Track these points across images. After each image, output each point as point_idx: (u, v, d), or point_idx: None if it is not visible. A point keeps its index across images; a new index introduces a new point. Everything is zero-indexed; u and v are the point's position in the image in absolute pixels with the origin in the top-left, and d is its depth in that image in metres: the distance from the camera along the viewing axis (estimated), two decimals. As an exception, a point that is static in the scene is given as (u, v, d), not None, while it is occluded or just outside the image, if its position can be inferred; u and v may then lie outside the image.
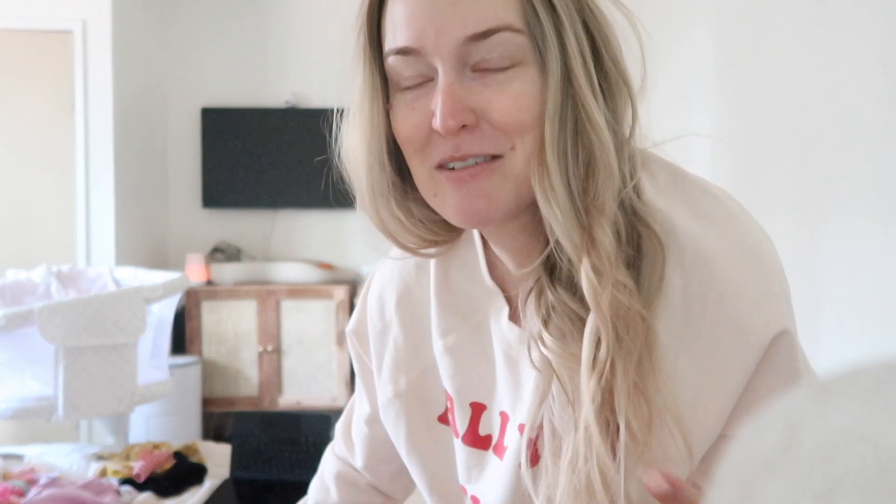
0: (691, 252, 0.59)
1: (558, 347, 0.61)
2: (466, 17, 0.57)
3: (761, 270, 0.60)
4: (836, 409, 0.23)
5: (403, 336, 0.78)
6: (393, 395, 0.78)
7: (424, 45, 0.59)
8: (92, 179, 3.39)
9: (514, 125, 0.59)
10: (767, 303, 0.59)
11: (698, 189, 0.64)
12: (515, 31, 0.58)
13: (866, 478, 0.21)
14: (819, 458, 0.22)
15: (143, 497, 2.13)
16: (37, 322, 2.23)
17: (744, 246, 0.60)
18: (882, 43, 1.64)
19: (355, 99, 0.65)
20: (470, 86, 0.59)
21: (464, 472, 0.75)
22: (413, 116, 0.61)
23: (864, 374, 0.24)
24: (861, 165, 1.74)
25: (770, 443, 0.24)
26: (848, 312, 1.74)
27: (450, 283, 0.75)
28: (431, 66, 0.59)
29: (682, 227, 0.60)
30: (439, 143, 0.60)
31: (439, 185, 0.62)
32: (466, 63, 0.59)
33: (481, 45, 0.58)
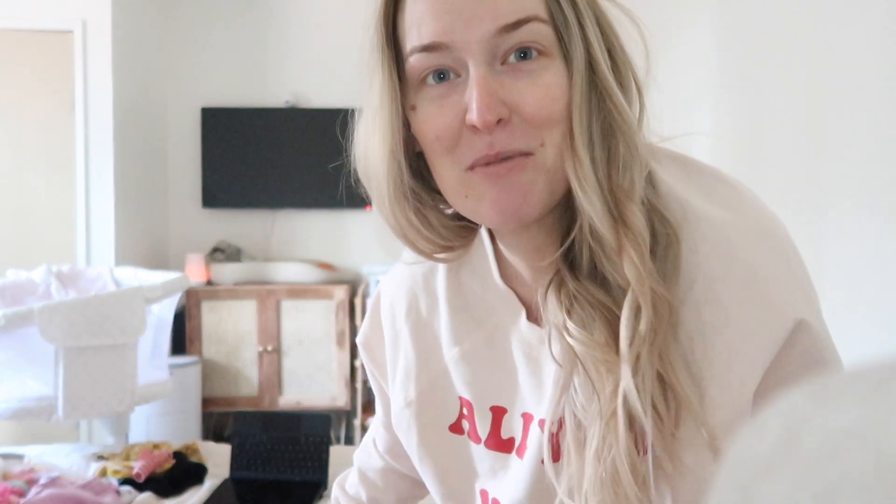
0: (711, 237, 0.59)
1: (583, 336, 0.61)
2: (496, 8, 0.57)
3: (781, 253, 0.60)
4: (836, 409, 0.23)
5: (413, 346, 0.78)
6: (404, 405, 0.79)
7: (454, 40, 0.58)
8: (92, 179, 3.39)
9: (545, 117, 0.58)
10: (791, 284, 0.59)
11: (711, 177, 0.64)
12: (543, 21, 0.58)
13: (866, 478, 0.21)
14: (819, 458, 0.22)
15: (143, 497, 2.13)
16: (37, 322, 2.23)
17: (761, 229, 0.60)
18: (883, 38, 1.64)
19: (373, 101, 0.63)
20: (501, 79, 0.58)
21: (488, 477, 0.75)
22: (443, 114, 0.60)
23: (864, 374, 0.24)
24: (862, 162, 1.74)
25: (770, 443, 0.24)
26: (848, 310, 1.74)
27: (462, 290, 0.75)
28: (460, 61, 0.59)
29: (700, 212, 0.61)
30: (471, 141, 0.59)
31: (472, 186, 0.61)
32: (496, 56, 0.58)
33: (511, 36, 0.58)
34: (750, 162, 2.32)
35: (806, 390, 0.25)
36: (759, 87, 2.24)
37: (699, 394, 0.58)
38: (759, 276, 0.58)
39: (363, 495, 0.96)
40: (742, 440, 0.26)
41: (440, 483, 0.78)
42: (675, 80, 2.77)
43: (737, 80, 2.44)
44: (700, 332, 0.59)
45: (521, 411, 0.71)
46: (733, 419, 0.59)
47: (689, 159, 0.66)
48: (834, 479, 0.21)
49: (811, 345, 0.59)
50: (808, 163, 1.97)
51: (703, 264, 0.59)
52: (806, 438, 0.23)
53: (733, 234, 0.59)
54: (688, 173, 0.65)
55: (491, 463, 0.74)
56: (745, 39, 2.39)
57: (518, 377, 0.71)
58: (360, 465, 0.97)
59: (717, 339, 0.59)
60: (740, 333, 0.58)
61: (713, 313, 0.59)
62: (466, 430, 0.76)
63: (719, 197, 0.62)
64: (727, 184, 0.64)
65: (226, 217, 3.99)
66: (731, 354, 0.58)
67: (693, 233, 0.60)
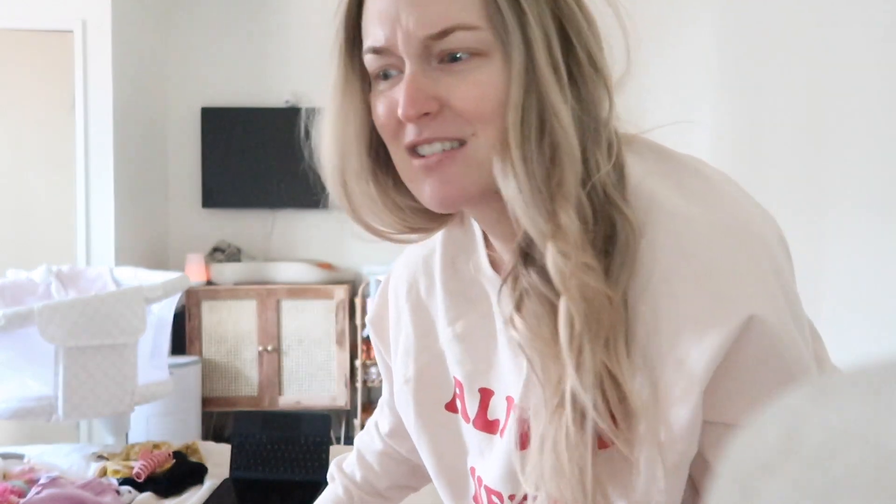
0: (673, 231, 0.60)
1: (528, 331, 0.63)
2: (423, 18, 0.62)
3: (749, 248, 0.59)
4: (836, 409, 0.23)
5: (413, 325, 0.82)
6: (403, 382, 0.83)
7: (393, 44, 0.63)
8: (92, 179, 3.39)
9: (474, 112, 0.62)
10: (751, 279, 0.58)
11: (686, 168, 0.65)
12: (470, 28, 0.62)
13: (866, 478, 0.21)
14: (819, 458, 0.22)
15: (142, 497, 2.13)
16: (37, 322, 2.23)
17: (728, 223, 0.60)
18: (883, 37, 1.64)
19: (329, 92, 0.69)
20: (434, 76, 0.63)
21: (475, 456, 0.78)
22: (385, 107, 0.66)
23: (864, 374, 0.24)
24: (862, 162, 1.73)
25: (770, 443, 0.24)
26: (848, 308, 1.74)
27: (457, 272, 0.78)
28: (401, 61, 0.64)
29: (666, 206, 0.61)
30: (408, 128, 0.65)
31: (413, 171, 0.66)
32: (431, 54, 0.63)
33: (439, 43, 0.62)
34: (750, 162, 2.32)
35: (806, 390, 0.25)
36: (759, 86, 2.24)
37: (653, 391, 0.59)
38: (716, 270, 0.58)
39: (357, 476, 0.99)
40: (743, 440, 0.26)
41: (435, 459, 0.82)
42: (675, 80, 2.77)
43: (737, 79, 2.44)
44: (656, 327, 0.59)
45: (505, 394, 0.74)
46: (684, 417, 0.59)
47: (667, 150, 0.67)
48: (834, 479, 0.21)
49: (768, 345, 0.57)
50: (808, 162, 1.96)
51: (661, 259, 0.60)
52: (806, 438, 0.23)
53: (697, 229, 0.59)
54: (664, 164, 0.65)
55: (479, 442, 0.77)
56: (745, 39, 2.39)
57: (503, 360, 0.73)
58: (360, 447, 1.01)
59: (671, 334, 0.59)
60: (691, 328, 0.58)
61: (668, 308, 0.59)
62: (460, 409, 0.79)
63: (692, 190, 0.62)
64: (703, 176, 0.64)
65: (226, 217, 3.99)
66: (681, 350, 0.58)
67: (655, 228, 0.60)
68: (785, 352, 0.58)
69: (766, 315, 0.57)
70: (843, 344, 1.72)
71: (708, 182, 0.63)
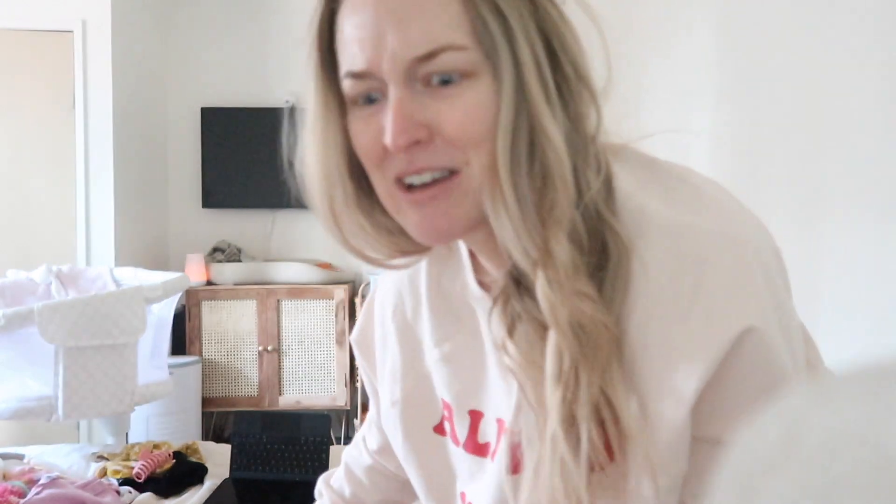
0: (664, 246, 0.58)
1: (520, 357, 0.61)
2: (409, 39, 0.58)
3: (739, 259, 0.57)
4: (836, 409, 0.23)
5: (399, 346, 0.79)
6: (390, 404, 0.80)
7: (376, 67, 0.59)
8: (92, 179, 3.39)
9: (467, 138, 0.59)
10: (741, 296, 0.57)
11: (676, 178, 0.63)
12: (458, 48, 0.58)
13: (866, 478, 0.21)
14: (819, 458, 0.22)
15: (143, 497, 2.13)
16: (37, 322, 2.23)
17: (720, 233, 0.58)
18: (882, 40, 1.64)
19: (308, 119, 0.65)
20: (421, 100, 0.59)
21: (465, 480, 0.76)
22: (367, 132, 0.62)
23: (864, 374, 0.24)
24: (861, 162, 1.74)
25: (770, 443, 0.24)
26: (848, 309, 1.74)
27: (443, 291, 0.75)
28: (384, 85, 0.60)
29: (655, 219, 0.59)
30: (392, 160, 0.61)
31: (399, 202, 0.63)
32: (415, 78, 0.59)
33: (426, 65, 0.58)
34: (749, 164, 2.32)
35: (806, 390, 0.25)
36: (759, 87, 2.24)
37: (644, 412, 0.58)
38: (706, 288, 0.57)
39: (346, 491, 0.96)
40: (743, 440, 0.26)
41: (423, 483, 0.79)
42: (674, 81, 2.77)
43: (736, 80, 2.44)
44: (645, 346, 0.58)
45: (496, 416, 0.71)
46: (675, 437, 0.58)
47: (655, 160, 0.65)
48: (834, 478, 0.21)
49: (756, 357, 0.56)
50: (807, 164, 1.97)
51: (651, 278, 0.58)
52: (806, 438, 0.23)
53: (686, 242, 0.58)
54: (652, 175, 0.63)
55: (469, 466, 0.74)
56: (744, 40, 2.39)
57: (492, 382, 0.71)
58: (348, 462, 0.98)
59: (661, 354, 0.58)
60: (681, 348, 0.57)
61: (659, 329, 0.58)
62: (448, 431, 0.76)
63: (681, 200, 0.61)
64: (691, 185, 0.62)
65: (226, 217, 3.99)
66: (671, 370, 0.57)
67: (645, 243, 0.59)
68: (772, 364, 0.57)
69: (755, 327, 0.56)
70: (843, 344, 1.72)
71: (697, 191, 0.62)
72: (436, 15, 0.58)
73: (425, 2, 0.58)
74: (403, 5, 0.58)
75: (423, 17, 0.58)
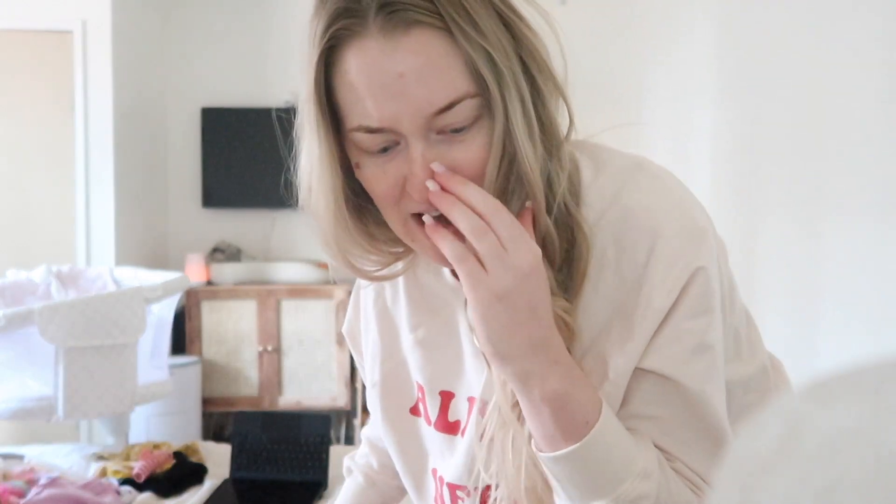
0: (620, 227, 0.67)
1: None
2: (431, 94, 0.62)
3: (691, 229, 0.67)
4: (836, 408, 0.23)
5: (378, 332, 0.86)
6: (370, 386, 0.87)
7: (395, 122, 0.63)
8: (92, 179, 3.39)
9: (477, 174, 0.65)
10: (693, 247, 0.66)
11: (633, 166, 0.70)
12: (473, 96, 0.63)
13: (866, 478, 0.21)
14: (819, 458, 0.22)
15: (143, 497, 2.13)
16: (37, 322, 2.23)
17: (672, 211, 0.67)
18: (883, 41, 1.64)
19: (315, 152, 0.68)
20: (438, 148, 0.64)
21: (437, 457, 0.82)
22: (386, 179, 0.66)
23: (864, 374, 0.24)
24: (861, 164, 1.74)
25: (770, 443, 0.24)
26: (848, 310, 1.74)
27: (418, 282, 0.81)
28: (400, 136, 0.64)
29: (614, 204, 0.68)
30: (412, 201, 0.66)
31: (416, 235, 0.68)
32: (432, 128, 0.64)
33: (445, 116, 0.63)
34: (749, 163, 2.32)
35: (806, 390, 0.25)
36: (760, 87, 2.24)
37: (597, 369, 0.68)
38: (664, 242, 0.66)
39: (374, 462, 1.02)
40: (742, 440, 0.26)
41: (400, 460, 0.86)
42: (675, 81, 2.77)
43: (737, 80, 2.44)
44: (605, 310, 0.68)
45: (467, 395, 0.78)
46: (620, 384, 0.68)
47: (613, 151, 0.72)
48: (834, 478, 0.21)
49: (705, 294, 0.66)
50: (808, 164, 1.97)
51: (613, 253, 0.67)
52: (806, 438, 0.23)
53: (639, 220, 0.67)
54: (611, 165, 0.71)
55: (440, 444, 0.81)
56: (745, 40, 2.39)
57: (465, 363, 0.78)
58: (369, 437, 1.03)
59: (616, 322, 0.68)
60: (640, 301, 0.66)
61: (620, 291, 0.67)
62: (422, 412, 0.83)
63: (640, 186, 0.69)
64: (649, 172, 0.70)
65: (226, 217, 3.99)
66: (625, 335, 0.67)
67: (603, 229, 0.68)
68: (710, 307, 0.67)
69: (705, 267, 0.66)
70: (843, 344, 1.72)
71: (654, 178, 0.70)
72: (448, 68, 0.62)
73: (436, 58, 0.62)
74: (417, 63, 0.62)
75: (438, 73, 0.62)
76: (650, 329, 0.66)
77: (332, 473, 2.21)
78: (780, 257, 2.06)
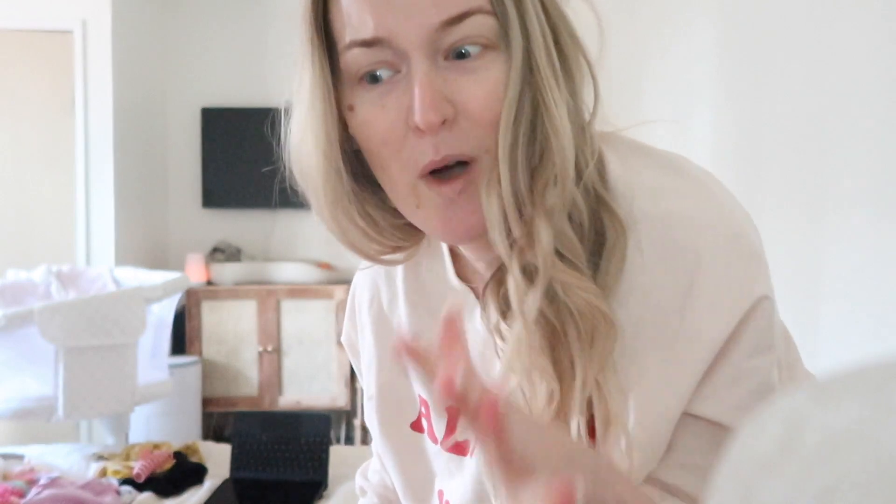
0: (658, 236, 0.57)
1: (514, 342, 0.59)
2: (439, 1, 0.53)
3: (736, 238, 0.57)
4: (836, 409, 0.23)
5: (374, 339, 0.76)
6: (367, 399, 0.78)
7: (394, 33, 0.54)
8: (92, 179, 3.39)
9: (492, 117, 0.55)
10: (739, 281, 0.56)
11: (668, 164, 0.61)
12: (487, 13, 0.54)
13: (866, 478, 0.21)
14: (819, 458, 0.22)
15: (143, 497, 2.13)
16: (37, 322, 2.23)
17: (715, 226, 0.57)
18: (884, 37, 1.64)
19: (304, 98, 0.59)
20: (444, 75, 0.55)
21: (444, 478, 0.73)
22: (385, 116, 0.56)
23: (864, 374, 0.24)
24: (863, 161, 1.73)
25: (770, 443, 0.24)
26: (848, 309, 1.74)
27: (420, 286, 0.72)
28: (401, 56, 0.55)
29: (649, 207, 0.58)
30: (418, 144, 0.55)
31: (424, 197, 0.57)
32: (438, 50, 0.54)
33: (454, 30, 0.54)
34: (750, 161, 2.32)
35: (806, 390, 0.25)
36: (760, 85, 2.24)
37: (627, 402, 0.57)
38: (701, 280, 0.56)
39: (388, 481, 0.89)
40: (742, 440, 0.26)
41: (401, 479, 0.77)
42: (675, 78, 2.77)
43: (737, 78, 2.44)
44: (638, 340, 0.57)
45: None
46: (662, 429, 0.57)
47: (646, 146, 0.63)
48: (834, 478, 0.21)
49: (762, 326, 0.56)
50: (809, 162, 1.96)
51: (647, 268, 0.57)
52: (806, 438, 0.23)
53: (679, 232, 0.57)
54: (644, 161, 0.61)
55: (447, 464, 0.72)
56: (745, 37, 2.39)
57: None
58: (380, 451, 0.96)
59: (655, 347, 0.57)
60: (678, 341, 0.56)
61: (654, 320, 0.57)
62: (426, 429, 0.74)
63: (674, 187, 0.59)
64: (685, 172, 0.61)
65: (226, 217, 3.99)
66: (666, 365, 0.57)
67: (639, 232, 0.57)
68: (775, 336, 0.57)
69: (764, 298, 0.56)
70: (844, 344, 1.72)
71: (690, 178, 0.60)
72: None
73: None
74: None
75: None
76: (700, 364, 0.56)
77: (332, 473, 2.21)
78: (780, 256, 2.06)
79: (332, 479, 2.21)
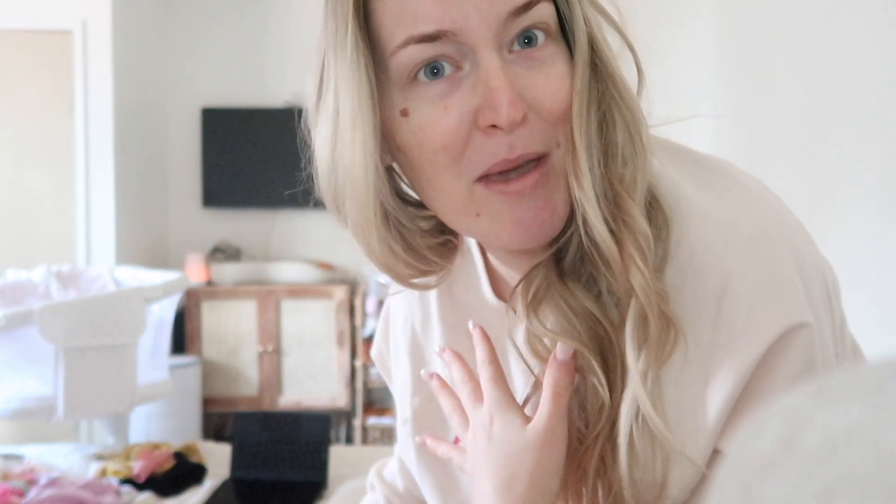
0: (695, 233, 0.54)
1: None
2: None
3: (777, 254, 0.52)
4: (836, 409, 0.23)
5: (409, 360, 0.74)
6: (401, 423, 0.75)
7: (460, 26, 0.50)
8: (92, 179, 3.39)
9: (562, 112, 0.52)
10: (777, 293, 0.51)
11: (710, 168, 0.59)
12: (550, 0, 0.52)
13: (866, 478, 0.21)
14: (819, 458, 0.22)
15: (143, 497, 2.13)
16: (37, 322, 2.23)
17: (757, 236, 0.53)
18: (885, 33, 1.64)
19: (344, 109, 0.53)
20: (514, 70, 0.51)
21: None
22: (448, 117, 0.51)
23: (864, 374, 0.24)
24: (863, 157, 1.73)
25: (770, 443, 0.24)
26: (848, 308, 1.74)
27: (455, 304, 0.69)
28: (465, 51, 0.51)
29: (688, 205, 0.55)
30: (484, 145, 0.52)
31: (484, 203, 0.53)
32: (503, 44, 0.51)
33: (520, 20, 0.51)
34: (751, 157, 2.32)
35: (806, 390, 0.25)
36: (760, 80, 2.24)
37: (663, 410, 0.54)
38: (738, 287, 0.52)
39: (400, 485, 0.88)
40: (743, 440, 0.26)
41: (438, 498, 0.74)
42: (675, 73, 2.77)
43: (737, 73, 2.44)
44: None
45: None
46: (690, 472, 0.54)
47: (685, 148, 0.62)
48: (834, 478, 0.21)
49: (806, 356, 0.52)
50: (810, 158, 1.97)
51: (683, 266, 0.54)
52: (806, 438, 0.23)
53: (719, 239, 0.54)
54: (683, 161, 0.59)
55: None
56: (746, 32, 2.39)
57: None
58: (402, 456, 0.92)
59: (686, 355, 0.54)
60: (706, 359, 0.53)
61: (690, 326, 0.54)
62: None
63: (716, 187, 0.56)
64: (729, 176, 0.58)
65: (226, 217, 3.99)
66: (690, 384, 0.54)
67: (679, 226, 0.55)
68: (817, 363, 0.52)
69: (800, 326, 0.51)
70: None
71: (736, 185, 0.57)
72: None
73: None
74: None
75: None
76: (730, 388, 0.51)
77: (332, 474, 2.21)
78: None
79: (332, 479, 2.21)
